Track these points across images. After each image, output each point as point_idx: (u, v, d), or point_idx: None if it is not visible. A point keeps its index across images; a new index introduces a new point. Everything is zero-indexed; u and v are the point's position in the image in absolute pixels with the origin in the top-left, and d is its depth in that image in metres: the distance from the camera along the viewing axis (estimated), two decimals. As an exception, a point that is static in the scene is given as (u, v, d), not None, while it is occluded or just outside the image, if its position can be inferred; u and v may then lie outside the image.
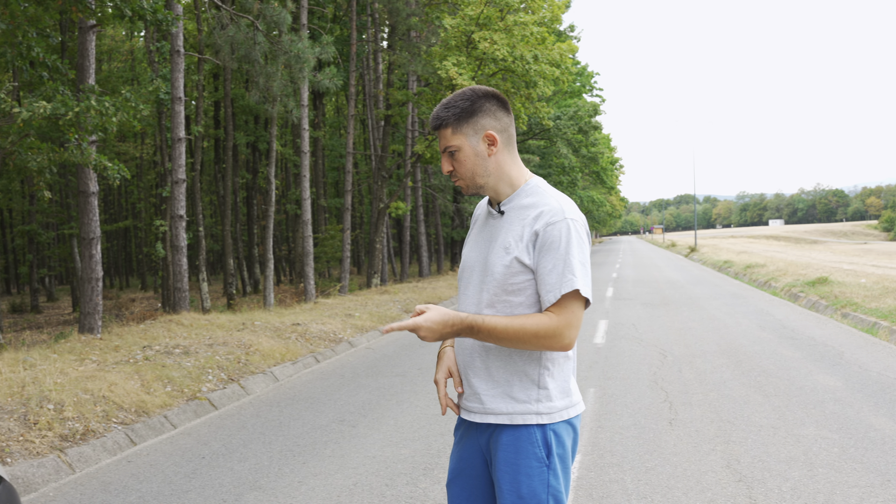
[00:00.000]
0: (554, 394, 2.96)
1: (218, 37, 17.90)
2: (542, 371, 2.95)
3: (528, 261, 2.91)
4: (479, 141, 3.02)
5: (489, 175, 3.05)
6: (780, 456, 6.53)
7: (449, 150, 3.05)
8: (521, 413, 2.94)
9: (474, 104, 3.03)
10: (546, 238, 2.89)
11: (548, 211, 2.94)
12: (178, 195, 17.26)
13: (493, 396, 2.98)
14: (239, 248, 37.06)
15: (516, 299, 2.95)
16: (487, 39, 23.55)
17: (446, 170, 3.08)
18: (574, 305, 2.86)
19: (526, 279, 2.93)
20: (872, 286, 19.82)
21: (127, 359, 11.02)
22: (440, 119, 3.04)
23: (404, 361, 12.53)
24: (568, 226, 2.90)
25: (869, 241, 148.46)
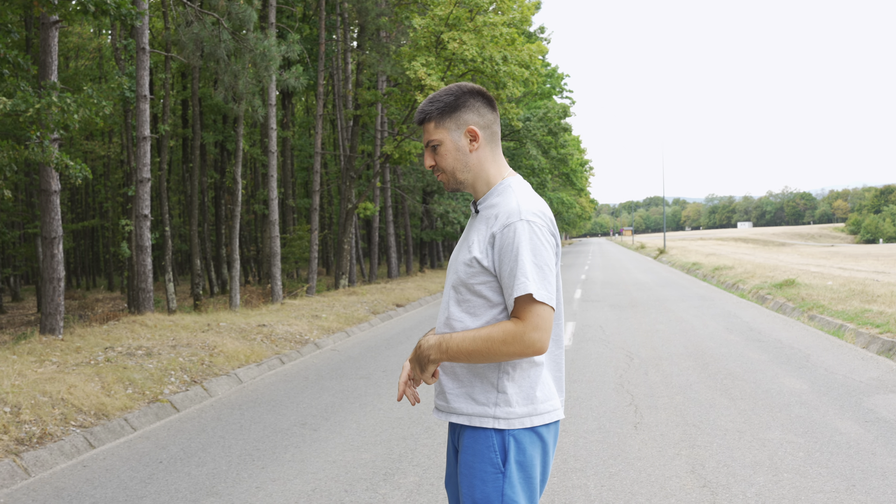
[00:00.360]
0: (514, 399, 2.88)
1: (183, 34, 17.70)
2: (501, 375, 2.89)
3: (486, 263, 2.87)
4: (461, 136, 3.01)
5: (469, 171, 3.04)
6: (745, 461, 6.46)
7: (431, 144, 3.06)
8: (479, 415, 2.89)
9: (458, 99, 3.02)
10: (502, 240, 2.85)
11: (504, 212, 2.90)
12: (142, 194, 17.05)
13: (456, 396, 2.94)
14: (207, 249, 36.77)
15: (478, 300, 2.91)
16: (457, 40, 23.48)
17: (428, 164, 3.09)
18: (534, 308, 2.78)
19: (486, 280, 2.89)
20: (839, 288, 19.91)
21: (88, 360, 10.85)
22: (424, 113, 3.04)
23: (369, 364, 12.42)
24: (520, 228, 2.84)
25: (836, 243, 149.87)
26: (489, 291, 2.90)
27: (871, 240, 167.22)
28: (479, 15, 24.30)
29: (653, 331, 15.05)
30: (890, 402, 8.45)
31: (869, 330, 13.18)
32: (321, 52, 26.69)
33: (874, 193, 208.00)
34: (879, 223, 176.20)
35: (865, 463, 6.32)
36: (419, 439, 7.48)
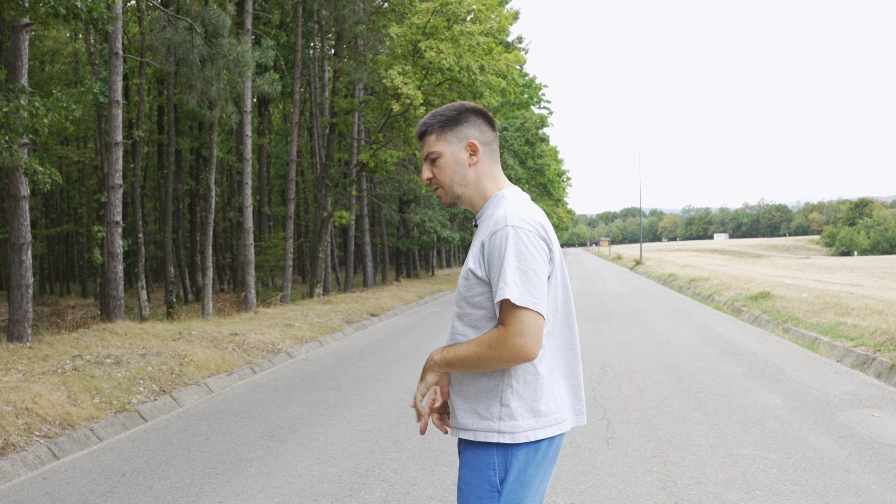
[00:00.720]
0: (518, 412, 2.85)
1: (156, 39, 17.53)
2: (504, 388, 2.87)
3: (480, 273, 2.88)
4: (461, 149, 3.05)
5: (467, 185, 3.07)
6: (717, 477, 6.36)
7: (431, 157, 3.09)
8: (483, 430, 2.87)
9: (461, 115, 3.08)
10: (490, 248, 2.84)
11: (492, 220, 2.92)
12: (114, 201, 16.85)
13: (463, 412, 2.94)
14: (181, 256, 36.48)
15: (477, 312, 2.92)
16: (434, 49, 23.42)
17: (426, 177, 3.12)
18: (517, 314, 2.75)
19: (482, 291, 2.89)
20: (814, 301, 19.92)
21: (55, 369, 10.66)
22: (426, 125, 3.09)
23: (340, 374, 12.27)
24: (507, 233, 2.82)
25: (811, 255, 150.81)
26: (488, 302, 2.90)
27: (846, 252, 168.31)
28: (457, 24, 24.25)
29: (627, 343, 14.97)
30: (864, 418, 8.39)
31: (843, 343, 13.15)
32: (298, 59, 26.55)
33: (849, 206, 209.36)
34: (854, 236, 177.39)
35: (839, 480, 6.24)
36: (387, 453, 7.35)
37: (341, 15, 26.74)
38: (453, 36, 23.94)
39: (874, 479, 6.27)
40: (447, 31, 24.02)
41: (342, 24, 27.32)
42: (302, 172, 45.66)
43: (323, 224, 27.87)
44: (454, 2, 23.20)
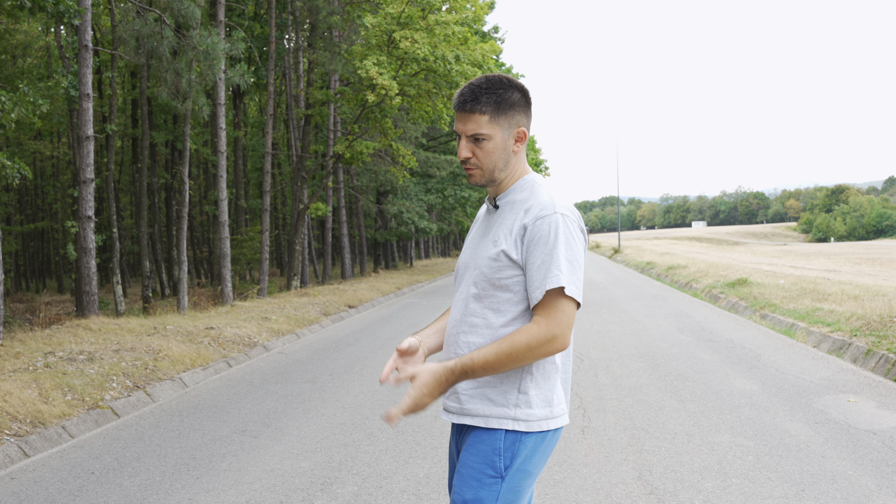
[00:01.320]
0: (534, 401, 2.81)
1: (123, 31, 17.34)
2: (524, 375, 2.81)
3: (515, 255, 2.80)
4: (510, 136, 2.91)
5: (506, 170, 2.95)
6: (693, 465, 6.31)
7: (477, 137, 2.88)
8: (496, 416, 2.80)
9: (513, 96, 2.90)
10: (534, 233, 2.77)
11: (537, 205, 2.83)
12: (86, 195, 16.66)
13: (470, 396, 2.84)
14: (158, 250, 36.24)
15: (503, 295, 2.84)
16: (409, 39, 23.29)
17: (464, 156, 2.91)
18: (562, 303, 2.72)
19: (513, 274, 2.82)
20: (791, 287, 19.97)
21: (27, 366, 10.51)
22: (479, 102, 2.86)
23: (316, 367, 12.17)
24: (557, 220, 2.78)
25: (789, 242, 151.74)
26: (517, 286, 2.82)
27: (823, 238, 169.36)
28: (432, 14, 24.13)
29: (604, 331, 14.92)
30: (840, 403, 8.37)
31: (820, 329, 13.17)
32: (271, 50, 26.36)
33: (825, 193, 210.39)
34: (831, 222, 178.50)
35: (815, 466, 6.20)
36: (360, 446, 7.26)
37: (315, 5, 26.57)
38: (428, 26, 23.82)
39: (850, 464, 6.24)
40: (422, 21, 23.91)
41: (316, 15, 27.14)
42: (279, 165, 45.46)
43: (299, 216, 27.73)
44: (428, -10, 23.13)
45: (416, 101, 26.19)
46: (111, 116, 27.86)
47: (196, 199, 47.92)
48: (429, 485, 6.06)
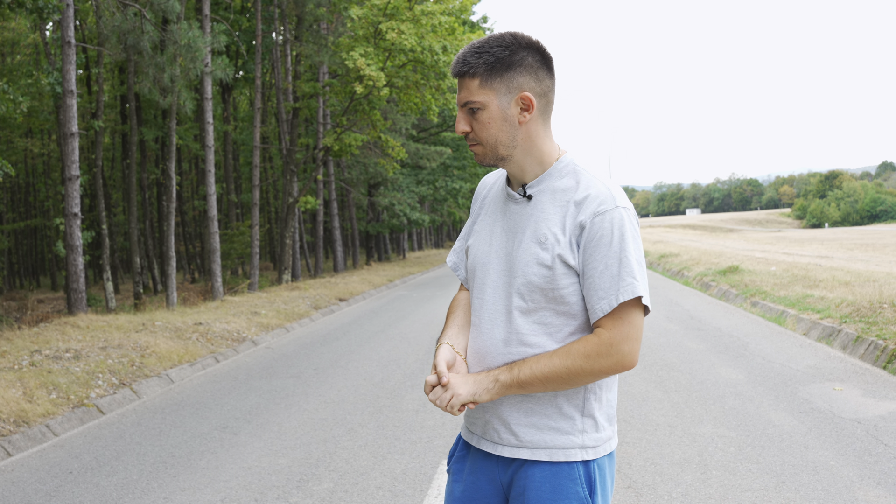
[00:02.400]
0: (601, 422, 2.47)
1: (104, 26, 17.23)
2: (587, 395, 2.44)
3: (573, 261, 2.38)
4: (510, 102, 2.43)
5: (515, 146, 2.47)
6: (673, 458, 6.25)
7: (470, 107, 2.45)
8: (562, 447, 2.43)
9: (514, 54, 2.42)
10: (595, 231, 2.35)
11: (594, 197, 2.40)
12: (72, 192, 16.57)
13: (526, 426, 2.46)
14: (149, 246, 36.13)
15: (557, 308, 2.42)
16: (395, 30, 23.21)
17: (461, 130, 2.49)
18: (633, 315, 2.34)
19: (571, 283, 2.40)
20: (782, 274, 19.91)
21: (11, 365, 10.45)
22: (467, 65, 2.43)
23: (302, 361, 12.10)
24: (622, 216, 2.36)
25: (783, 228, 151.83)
26: (573, 297, 2.41)
27: (817, 224, 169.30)
28: (418, 4, 24.04)
29: (593, 321, 14.84)
30: (825, 391, 8.33)
31: (810, 316, 13.12)
32: (258, 44, 26.26)
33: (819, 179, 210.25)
34: (825, 208, 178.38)
35: (797, 457, 6.15)
36: (340, 441, 7.20)
37: (301, -2, 26.50)
38: (415, 16, 23.73)
39: (832, 454, 6.19)
40: (408, 12, 23.82)
41: (302, 7, 27.05)
42: (270, 159, 45.39)
43: (289, 210, 27.65)
44: (414, -19, 23.05)
45: (404, 92, 26.12)
46: (98, 113, 27.72)
47: (188, 195, 47.85)
48: (405, 481, 6.01)
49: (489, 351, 2.49)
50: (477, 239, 2.65)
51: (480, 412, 2.54)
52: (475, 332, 2.56)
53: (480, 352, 2.52)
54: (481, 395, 2.42)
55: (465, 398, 2.41)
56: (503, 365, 2.45)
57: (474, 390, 2.42)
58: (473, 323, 2.59)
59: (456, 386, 2.43)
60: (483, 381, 2.43)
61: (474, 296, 2.60)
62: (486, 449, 2.53)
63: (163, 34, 17.58)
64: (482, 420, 2.55)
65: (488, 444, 2.53)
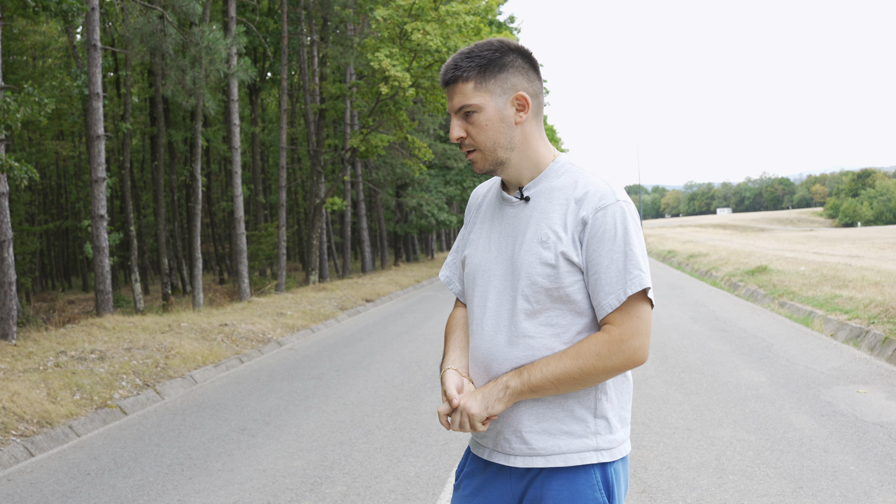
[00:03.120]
0: (614, 423, 2.43)
1: (126, 29, 17.34)
2: (599, 395, 2.41)
3: (576, 258, 2.36)
4: (506, 102, 2.41)
5: (513, 149, 2.44)
6: (690, 462, 6.18)
7: (465, 111, 2.42)
8: (576, 451, 2.38)
9: (504, 56, 2.42)
10: (598, 226, 2.34)
11: (594, 192, 2.38)
12: (98, 194, 16.68)
13: (538, 433, 2.40)
14: (178, 247, 36.32)
15: (562, 307, 2.39)
16: (420, 30, 23.17)
17: (456, 136, 2.45)
18: (641, 309, 2.34)
19: (576, 280, 2.37)
20: (811, 274, 19.71)
21: (37, 366, 10.53)
22: (460, 69, 2.41)
23: (324, 363, 12.11)
24: (623, 210, 2.36)
25: (815, 227, 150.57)
26: (579, 294, 2.39)
27: (850, 223, 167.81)
28: (443, 4, 24.01)
29: (617, 322, 14.74)
30: (848, 394, 8.22)
31: (838, 316, 12.97)
32: (283, 45, 26.34)
33: (851, 177, 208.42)
34: (857, 207, 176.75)
35: (816, 462, 6.07)
36: (356, 444, 7.18)
37: (326, 0, 26.53)
38: (440, 17, 23.67)
39: (853, 459, 6.10)
40: (433, 12, 23.77)
41: (328, 9, 27.10)
42: (299, 160, 45.49)
43: (316, 211, 27.70)
44: (439, -18, 23.02)
45: (430, 93, 26.07)
46: (126, 115, 27.90)
47: (217, 195, 48.05)
48: (418, 484, 5.98)
49: (495, 358, 2.45)
50: (474, 248, 2.62)
51: (491, 422, 2.48)
52: (477, 342, 2.52)
53: (486, 360, 2.48)
54: (494, 406, 2.39)
55: (478, 414, 2.38)
56: (510, 371, 2.41)
57: (486, 403, 2.39)
58: (474, 332, 2.54)
59: (467, 405, 2.40)
60: (492, 392, 2.40)
61: (475, 304, 2.55)
62: (498, 461, 2.48)
63: (184, 36, 17.66)
64: (493, 431, 2.50)
65: (500, 457, 2.48)
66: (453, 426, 2.44)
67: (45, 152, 37.86)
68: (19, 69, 30.85)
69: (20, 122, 12.05)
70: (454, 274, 2.80)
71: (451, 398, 2.43)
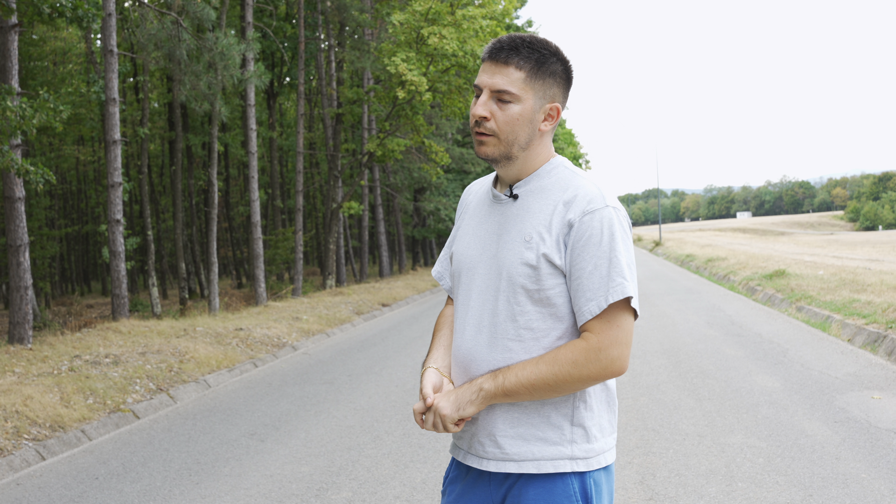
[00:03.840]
0: (592, 432, 2.36)
1: (140, 35, 17.41)
2: (576, 403, 2.35)
3: (559, 260, 2.31)
4: (541, 108, 2.38)
5: (525, 149, 2.41)
6: (699, 469, 6.11)
7: (503, 97, 2.35)
8: (550, 458, 2.33)
9: (556, 64, 2.40)
10: (583, 230, 2.29)
11: (583, 196, 2.33)
12: (114, 199, 16.75)
13: (512, 437, 2.36)
14: (196, 252, 36.47)
15: (542, 310, 2.35)
16: (437, 34, 23.17)
17: (480, 114, 2.36)
18: (622, 318, 2.28)
19: (557, 283, 2.33)
20: (829, 278, 19.57)
21: (51, 370, 10.57)
22: (519, 54, 2.35)
23: (337, 367, 12.10)
24: (611, 216, 2.30)
25: (835, 231, 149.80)
26: (560, 298, 2.34)
27: (871, 227, 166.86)
28: (460, 9, 24.00)
29: (632, 327, 14.66)
30: (863, 400, 8.12)
31: (855, 321, 12.85)
32: (301, 50, 26.40)
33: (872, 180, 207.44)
34: (878, 210, 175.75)
35: (827, 469, 5.99)
36: (364, 450, 7.16)
37: (343, 4, 26.60)
38: (456, 21, 23.67)
39: (865, 466, 6.03)
40: (450, 17, 23.76)
41: (344, 14, 27.16)
42: (317, 164, 45.60)
43: (332, 215, 27.75)
44: (455, -14, 23.01)
45: (447, 97, 26.08)
46: (144, 120, 28.04)
47: (236, 200, 48.21)
48: (423, 490, 5.95)
49: (474, 358, 2.42)
50: (461, 244, 2.59)
51: (466, 424, 2.46)
52: (459, 340, 2.49)
53: (465, 361, 2.45)
54: (466, 408, 2.36)
55: (450, 415, 2.35)
56: (487, 373, 2.38)
57: (458, 404, 2.35)
58: (457, 331, 2.51)
59: (440, 405, 2.37)
60: (466, 393, 2.36)
61: (459, 302, 2.53)
62: (472, 464, 2.45)
63: (199, 42, 17.72)
64: (469, 433, 2.47)
65: (474, 459, 2.45)
66: (426, 425, 2.42)
67: (65, 157, 38.07)
68: (39, 75, 31.02)
69: (35, 128, 12.10)
70: (445, 270, 2.77)
71: (425, 396, 2.41)
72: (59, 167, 38.79)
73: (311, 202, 49.86)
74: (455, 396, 2.37)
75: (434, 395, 2.41)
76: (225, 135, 35.65)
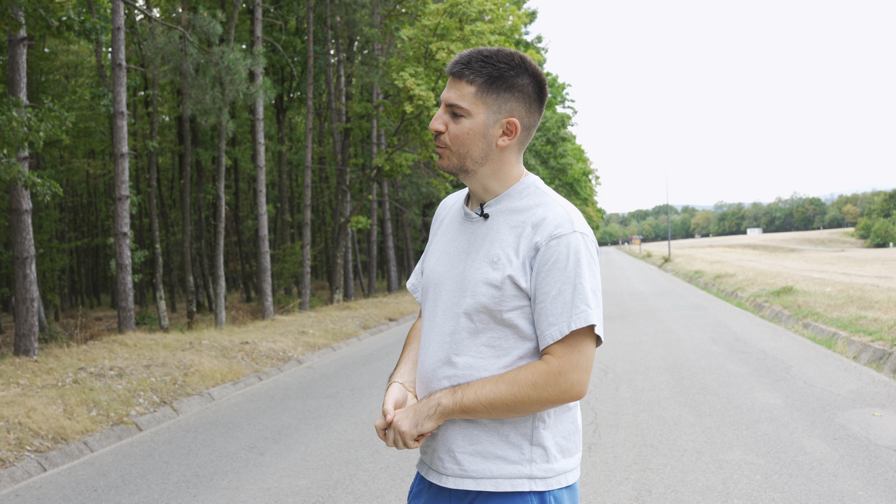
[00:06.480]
0: (552, 452, 2.35)
1: (147, 49, 17.52)
2: (536, 423, 2.34)
3: (524, 283, 2.31)
4: (496, 122, 2.35)
5: (483, 164, 2.39)
6: (696, 485, 6.10)
7: (455, 110, 2.35)
8: (509, 477, 2.32)
9: (518, 77, 2.36)
10: (549, 254, 2.28)
11: (552, 219, 2.33)
12: (121, 212, 16.83)
13: (471, 455, 2.36)
14: (204, 265, 36.55)
15: (504, 331, 2.35)
16: (445, 49, 23.25)
17: (436, 128, 2.38)
18: (584, 344, 2.27)
19: (520, 305, 2.33)
20: (837, 295, 19.50)
21: (56, 382, 10.60)
22: (470, 69, 2.34)
23: (340, 381, 12.11)
24: (578, 241, 2.30)
25: (846, 248, 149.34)
26: (522, 320, 2.34)
27: (882, 244, 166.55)
28: (468, 24, 24.08)
29: (636, 343, 14.68)
30: (864, 417, 8.10)
31: (861, 338, 12.80)
32: (309, 64, 26.51)
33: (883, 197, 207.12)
34: (889, 227, 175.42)
35: (825, 486, 5.98)
36: (362, 464, 7.16)
37: (352, 19, 26.70)
38: (464, 36, 23.74)
39: (862, 484, 6.00)
40: (458, 32, 23.84)
41: (353, 29, 27.27)
42: (326, 179, 45.70)
43: (340, 230, 27.80)
44: (464, 2, 23.04)
45: (455, 112, 26.14)
46: (152, 133, 28.17)
47: (245, 213, 48.33)
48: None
49: (435, 374, 2.42)
50: (431, 259, 2.59)
51: (428, 440, 2.47)
52: (423, 356, 2.49)
53: (427, 376, 2.45)
54: (424, 424, 2.36)
55: (408, 431, 2.36)
56: (446, 388, 2.38)
57: (416, 420, 2.36)
58: (422, 346, 2.52)
59: (399, 422, 2.38)
60: (423, 409, 2.37)
61: (426, 317, 2.53)
62: (433, 479, 2.45)
63: (205, 56, 17.82)
64: (430, 448, 2.48)
65: (434, 475, 2.45)
66: (388, 441, 2.43)
67: (76, 170, 38.26)
68: (50, 88, 31.19)
69: (42, 140, 12.17)
70: (419, 283, 2.76)
71: (385, 412, 2.42)
72: (70, 180, 38.98)
73: (320, 216, 49.96)
74: (414, 412, 2.38)
75: (394, 412, 2.41)
76: (234, 149, 35.77)
